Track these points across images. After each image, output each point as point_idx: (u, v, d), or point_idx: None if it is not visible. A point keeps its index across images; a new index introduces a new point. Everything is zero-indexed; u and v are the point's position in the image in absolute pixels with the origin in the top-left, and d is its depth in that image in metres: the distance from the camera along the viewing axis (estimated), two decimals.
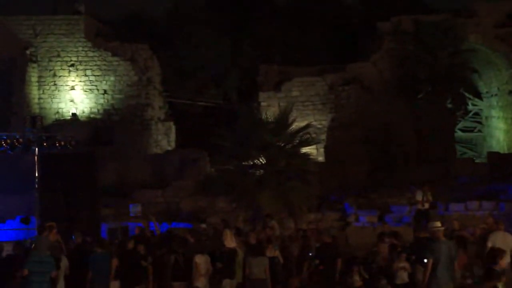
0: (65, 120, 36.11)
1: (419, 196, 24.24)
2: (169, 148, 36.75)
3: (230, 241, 18.06)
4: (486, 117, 38.89)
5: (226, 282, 17.60)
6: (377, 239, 19.72)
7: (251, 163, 25.90)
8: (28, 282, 14.59)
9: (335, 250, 18.95)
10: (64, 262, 16.93)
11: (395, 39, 34.87)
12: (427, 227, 17.85)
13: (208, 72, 40.91)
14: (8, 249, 18.75)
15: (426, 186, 24.44)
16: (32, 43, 36.64)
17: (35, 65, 36.47)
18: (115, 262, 17.49)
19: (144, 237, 20.32)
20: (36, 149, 23.75)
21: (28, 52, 36.24)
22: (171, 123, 37.68)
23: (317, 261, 18.64)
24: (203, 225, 23.78)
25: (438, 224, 15.76)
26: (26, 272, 14.41)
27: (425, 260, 15.34)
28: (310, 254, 19.37)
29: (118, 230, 24.44)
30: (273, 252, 18.48)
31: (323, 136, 34.21)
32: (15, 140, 24.09)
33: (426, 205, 24.20)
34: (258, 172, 25.79)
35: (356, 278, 16.85)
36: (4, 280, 15.92)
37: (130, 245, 18.20)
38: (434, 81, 33.69)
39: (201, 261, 17.43)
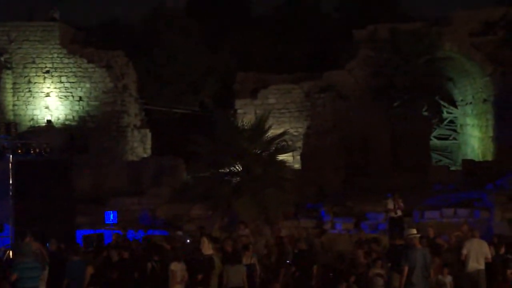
0: (40, 127, 35.81)
1: (390, 205, 24.29)
2: (145, 155, 36.62)
3: (207, 249, 18.03)
4: (461, 125, 39.17)
5: None
6: (354, 246, 19.80)
7: (228, 170, 25.87)
8: None
9: (312, 257, 19.00)
10: (46, 270, 16.79)
11: (371, 47, 35.00)
12: (401, 234, 17.98)
13: (185, 79, 40.86)
14: None
15: (396, 194, 24.50)
16: (6, 49, 36.35)
17: (9, 71, 36.19)
18: (90, 269, 17.37)
19: (121, 244, 20.20)
20: (11, 156, 23.56)
21: (2, 58, 35.97)
22: (147, 130, 37.55)
23: (293, 268, 18.66)
24: (179, 233, 23.72)
25: (414, 231, 15.86)
26: (15, 277, 14.16)
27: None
28: (288, 261, 19.40)
29: (94, 238, 24.27)
30: (250, 259, 18.47)
31: (300, 144, 34.26)
32: None
33: (399, 212, 24.27)
34: (235, 179, 25.77)
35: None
36: None
37: (112, 254, 18.06)
38: (410, 89, 33.87)
39: (177, 268, 17.35)
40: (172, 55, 40.42)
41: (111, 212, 27.48)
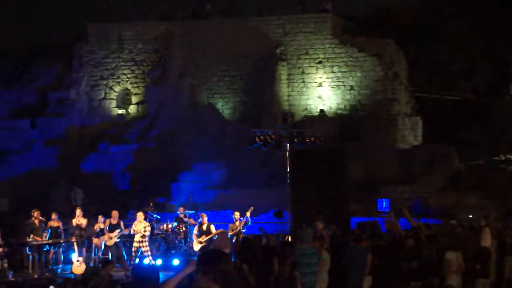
0: (313, 116, 36.86)
1: None
2: (416, 143, 36.34)
3: (487, 240, 17.54)
4: None
5: (480, 281, 17.09)
6: None
7: (503, 158, 25.06)
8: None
9: None
10: (326, 255, 17.16)
11: None
12: None
13: (456, 65, 39.89)
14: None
15: None
16: (281, 42, 37.84)
17: (284, 63, 37.62)
18: (369, 257, 17.52)
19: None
20: (287, 144, 24.49)
21: (278, 51, 37.49)
22: (418, 118, 37.22)
23: None
24: (453, 221, 23.29)
25: None
26: (290, 261, 14.60)
27: None
28: None
29: (367, 225, 24.51)
30: None
31: None
32: (267, 137, 25.10)
33: None
34: (511, 167, 24.88)
35: None
36: (268, 270, 16.53)
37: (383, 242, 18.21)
38: None
39: (452, 257, 17.05)
40: (444, 41, 39.63)
41: (384, 200, 27.60)
